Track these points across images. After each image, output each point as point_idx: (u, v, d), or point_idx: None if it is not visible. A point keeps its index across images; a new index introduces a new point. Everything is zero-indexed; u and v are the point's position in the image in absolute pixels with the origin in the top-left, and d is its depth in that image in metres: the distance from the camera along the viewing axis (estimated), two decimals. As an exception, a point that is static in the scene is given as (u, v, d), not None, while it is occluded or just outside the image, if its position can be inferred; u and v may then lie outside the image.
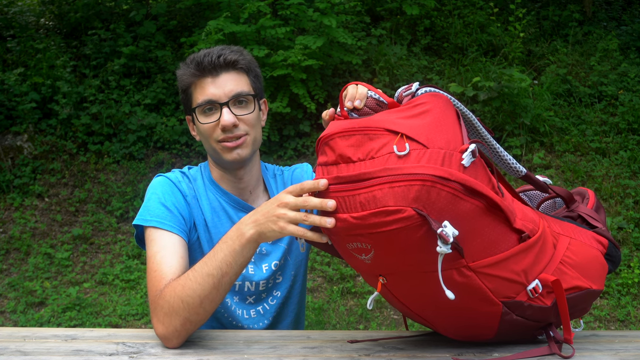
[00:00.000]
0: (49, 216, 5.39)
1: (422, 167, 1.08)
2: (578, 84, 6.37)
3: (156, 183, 1.63)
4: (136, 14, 6.72)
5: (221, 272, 1.33)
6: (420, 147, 1.10)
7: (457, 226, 1.09)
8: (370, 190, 1.10)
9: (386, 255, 1.14)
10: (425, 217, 1.06)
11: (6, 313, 4.44)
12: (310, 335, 1.46)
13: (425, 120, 1.13)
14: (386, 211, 1.08)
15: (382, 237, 1.11)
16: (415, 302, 1.25)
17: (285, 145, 5.78)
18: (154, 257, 1.48)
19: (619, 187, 5.32)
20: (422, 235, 1.08)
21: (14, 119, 5.92)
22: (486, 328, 1.26)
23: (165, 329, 1.35)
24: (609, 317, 4.22)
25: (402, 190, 1.07)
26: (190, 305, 1.34)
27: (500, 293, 1.19)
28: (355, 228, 1.13)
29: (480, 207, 1.12)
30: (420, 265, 1.13)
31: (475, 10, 7.08)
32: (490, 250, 1.16)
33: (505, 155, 1.31)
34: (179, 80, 1.64)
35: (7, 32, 6.98)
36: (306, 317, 4.20)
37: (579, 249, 1.31)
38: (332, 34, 5.66)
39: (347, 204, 1.14)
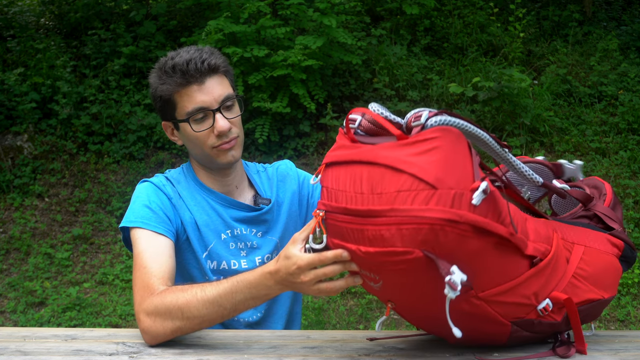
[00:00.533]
0: (49, 216, 5.39)
1: (430, 211, 1.05)
2: (578, 84, 6.37)
3: (140, 188, 1.64)
4: (136, 14, 6.72)
5: (234, 309, 1.34)
6: (429, 187, 1.06)
7: (466, 264, 1.07)
8: (378, 229, 1.09)
9: (394, 288, 1.16)
10: (433, 260, 1.05)
11: (6, 313, 4.44)
12: (310, 335, 1.46)
13: (435, 158, 1.08)
14: (394, 252, 1.07)
15: (390, 274, 1.12)
16: (424, 324, 1.30)
17: (285, 145, 5.78)
18: (141, 255, 1.49)
19: (619, 187, 5.32)
20: (431, 275, 1.07)
21: (14, 119, 5.92)
22: (496, 341, 1.28)
23: (155, 329, 1.35)
24: (609, 317, 4.22)
25: (410, 232, 1.06)
26: (189, 320, 1.34)
27: (510, 315, 1.20)
28: (364, 261, 1.14)
29: (490, 243, 1.11)
30: (429, 298, 1.14)
31: (475, 10, 7.08)
32: (500, 279, 1.16)
33: (521, 167, 1.31)
34: (157, 89, 1.59)
35: (7, 32, 6.98)
36: (306, 317, 4.20)
37: (593, 259, 1.31)
38: (332, 34, 5.66)
39: (355, 236, 1.13)
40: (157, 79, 1.60)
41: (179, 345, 1.37)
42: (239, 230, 1.67)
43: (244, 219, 1.68)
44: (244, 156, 5.44)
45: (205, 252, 1.63)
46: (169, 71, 1.57)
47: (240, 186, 1.72)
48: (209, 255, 1.63)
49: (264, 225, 1.71)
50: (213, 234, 1.64)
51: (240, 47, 5.49)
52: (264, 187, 1.76)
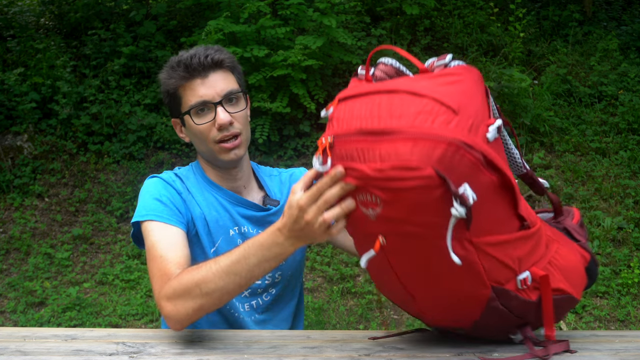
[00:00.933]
0: (49, 216, 5.39)
1: (450, 131, 1.07)
2: (578, 84, 6.37)
3: (149, 183, 1.65)
4: (136, 14, 6.72)
5: (250, 275, 1.32)
6: (450, 111, 1.08)
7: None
8: (394, 145, 1.08)
9: (394, 212, 1.11)
10: (444, 179, 1.05)
11: (6, 313, 4.44)
12: (310, 335, 1.46)
13: (457, 88, 1.11)
14: (407, 167, 1.07)
15: (396, 192, 1.09)
16: (408, 270, 1.20)
17: (285, 145, 5.78)
18: (156, 245, 1.49)
19: (619, 187, 5.32)
20: (437, 197, 1.07)
21: (14, 119, 5.92)
22: (469, 313, 1.24)
23: (177, 312, 1.35)
24: (609, 317, 4.22)
25: (426, 149, 1.06)
26: (208, 295, 1.33)
27: (493, 275, 1.18)
28: (372, 180, 1.11)
29: (494, 182, 1.13)
30: (427, 227, 1.11)
31: (475, 10, 7.08)
32: (494, 229, 1.17)
33: (512, 148, 1.31)
34: (164, 84, 1.64)
35: (7, 32, 6.98)
36: (306, 317, 4.20)
37: (566, 255, 1.32)
38: (332, 34, 5.66)
39: (365, 155, 1.11)
40: (165, 74, 1.64)
41: (179, 345, 1.37)
42: (245, 228, 1.67)
43: (251, 217, 1.69)
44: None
45: (213, 248, 1.64)
46: (175, 66, 1.61)
47: (248, 186, 1.73)
48: (217, 251, 1.64)
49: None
50: (221, 230, 1.65)
51: (240, 47, 5.49)
52: (274, 189, 1.77)
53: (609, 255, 4.74)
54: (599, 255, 4.74)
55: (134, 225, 1.60)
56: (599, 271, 1.45)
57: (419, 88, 1.11)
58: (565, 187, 5.38)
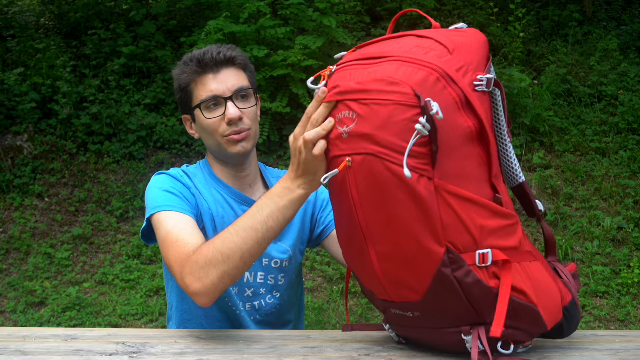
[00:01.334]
0: (49, 216, 5.39)
1: (438, 62, 1.12)
2: (578, 84, 6.37)
3: (157, 179, 1.65)
4: (136, 14, 6.72)
5: (266, 227, 1.31)
6: (445, 50, 1.14)
7: (443, 135, 1.10)
8: (383, 65, 1.15)
9: (366, 127, 1.13)
10: (419, 99, 1.08)
11: (6, 313, 4.44)
12: (310, 335, 1.46)
13: (460, 38, 1.19)
14: (388, 80, 1.12)
15: (372, 107, 1.13)
16: (368, 204, 1.18)
17: (285, 145, 5.79)
18: (171, 233, 1.47)
19: (619, 187, 5.32)
20: (408, 118, 1.10)
21: (14, 119, 5.92)
22: (421, 276, 1.17)
23: (202, 284, 1.32)
24: (609, 317, 4.22)
25: (410, 70, 1.12)
26: (230, 258, 1.32)
27: (450, 234, 1.13)
28: (353, 93, 1.16)
29: (471, 130, 1.14)
30: (392, 149, 1.11)
31: (475, 10, 7.09)
32: (461, 182, 1.14)
33: (511, 152, 1.28)
34: (177, 80, 1.66)
35: (7, 32, 6.98)
36: (306, 317, 4.20)
37: (542, 273, 1.24)
38: (332, 34, 5.66)
39: (355, 75, 1.17)
40: (178, 70, 1.66)
41: (179, 345, 1.37)
42: None
43: None
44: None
45: None
46: (188, 62, 1.63)
47: (254, 186, 1.74)
48: None
49: None
50: (226, 227, 1.65)
51: (240, 47, 5.48)
52: None
53: (609, 255, 4.74)
54: (598, 255, 4.74)
55: (147, 221, 1.59)
56: (579, 319, 1.33)
57: (425, 33, 1.19)
58: (565, 187, 5.39)
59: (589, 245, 4.81)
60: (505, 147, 1.27)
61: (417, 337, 1.31)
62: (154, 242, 1.62)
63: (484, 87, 1.15)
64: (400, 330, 1.34)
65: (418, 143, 1.10)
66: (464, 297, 1.16)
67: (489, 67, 1.19)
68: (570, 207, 5.23)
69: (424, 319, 1.23)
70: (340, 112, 1.19)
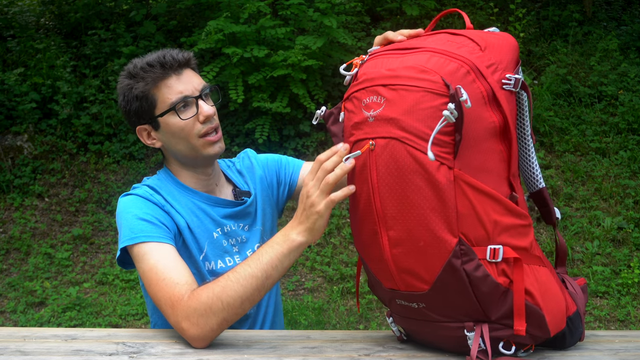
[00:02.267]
0: (49, 216, 5.39)
1: (469, 56, 1.15)
2: (578, 84, 6.37)
3: (126, 202, 1.58)
4: (136, 14, 6.72)
5: (265, 275, 1.34)
6: (477, 47, 1.18)
7: (467, 127, 1.12)
8: (416, 55, 1.18)
9: (393, 111, 1.16)
10: (448, 87, 1.11)
11: (6, 313, 4.44)
12: (310, 335, 1.46)
13: (492, 39, 1.22)
14: (419, 68, 1.14)
15: (401, 92, 1.15)
16: (386, 188, 1.18)
17: (285, 145, 5.79)
18: (155, 268, 1.43)
19: (619, 187, 5.32)
20: (435, 106, 1.12)
21: (14, 119, 5.92)
22: (431, 265, 1.17)
23: (201, 330, 1.33)
24: (609, 317, 4.22)
25: (442, 61, 1.15)
26: (230, 306, 1.33)
27: (464, 225, 1.14)
28: (383, 78, 1.18)
29: (495, 126, 1.16)
30: (416, 135, 1.13)
31: (475, 10, 7.08)
32: (480, 175, 1.15)
33: (533, 157, 1.30)
34: (132, 90, 1.58)
35: (7, 32, 6.98)
36: (306, 317, 4.20)
37: (549, 279, 1.24)
38: (332, 34, 5.66)
39: (386, 63, 1.21)
40: (130, 80, 1.59)
41: (179, 345, 1.37)
42: (228, 227, 1.67)
43: (230, 214, 1.69)
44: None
45: (201, 255, 1.63)
46: (145, 67, 1.57)
47: (219, 183, 1.73)
48: (206, 257, 1.63)
49: (249, 218, 1.73)
50: (205, 234, 1.64)
51: (240, 47, 5.49)
52: (238, 180, 1.78)
53: (609, 255, 4.74)
54: (598, 255, 4.74)
55: (121, 250, 1.53)
56: (581, 332, 1.33)
57: (458, 31, 1.23)
58: (565, 187, 5.39)
59: (589, 245, 4.81)
60: (527, 151, 1.29)
61: (419, 330, 1.30)
62: (132, 268, 1.58)
63: (512, 87, 1.18)
64: (403, 323, 1.33)
65: (442, 132, 1.12)
66: (471, 290, 1.16)
67: (517, 69, 1.22)
68: (570, 207, 5.23)
69: (429, 311, 1.22)
70: (368, 97, 1.20)
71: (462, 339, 1.21)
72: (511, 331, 1.18)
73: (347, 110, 1.27)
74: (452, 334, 1.22)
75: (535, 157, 1.30)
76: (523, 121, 1.27)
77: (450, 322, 1.21)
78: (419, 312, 1.24)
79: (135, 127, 1.65)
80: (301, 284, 4.71)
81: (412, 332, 1.34)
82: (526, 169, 1.31)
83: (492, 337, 1.19)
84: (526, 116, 1.26)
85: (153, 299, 1.44)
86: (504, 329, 1.19)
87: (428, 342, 1.32)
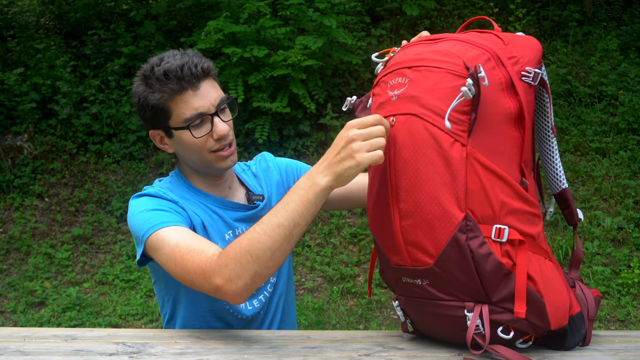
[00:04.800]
0: (49, 216, 5.39)
1: (492, 46, 1.22)
2: (578, 84, 6.37)
3: (138, 203, 1.57)
4: (136, 14, 6.72)
5: (293, 223, 1.30)
6: (501, 41, 1.25)
7: (484, 109, 1.18)
8: (441, 42, 1.25)
9: (415, 90, 1.22)
10: (468, 69, 1.17)
11: (6, 313, 4.44)
12: (310, 335, 1.46)
13: (515, 37, 1.28)
14: (444, 52, 1.22)
15: (424, 73, 1.22)
16: (401, 161, 1.22)
17: (285, 145, 5.79)
18: (177, 246, 1.42)
19: (619, 187, 5.32)
20: (456, 86, 1.18)
21: (14, 119, 5.92)
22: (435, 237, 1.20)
23: (235, 286, 1.31)
24: (609, 317, 4.22)
25: (466, 47, 1.22)
26: (260, 259, 1.30)
27: (471, 202, 1.17)
28: (409, 61, 1.26)
29: (510, 112, 1.20)
30: (434, 112, 1.19)
31: (475, 10, 7.09)
32: (492, 157, 1.19)
33: (557, 157, 1.32)
34: (147, 98, 1.55)
35: (7, 32, 6.98)
36: (306, 317, 4.20)
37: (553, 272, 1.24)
38: (332, 34, 5.66)
39: (415, 50, 1.28)
40: (146, 87, 1.56)
41: (179, 345, 1.37)
42: (239, 230, 1.67)
43: (242, 218, 1.69)
44: (245, 157, 5.45)
45: None
46: (162, 78, 1.52)
47: (232, 186, 1.72)
48: None
49: None
50: (217, 235, 1.64)
51: (240, 47, 5.49)
52: (253, 183, 1.77)
53: (609, 255, 4.74)
54: (598, 255, 4.74)
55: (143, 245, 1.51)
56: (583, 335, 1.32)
57: (486, 30, 1.30)
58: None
59: (589, 245, 4.81)
60: (551, 152, 1.32)
61: (421, 311, 1.31)
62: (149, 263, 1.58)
63: (530, 80, 1.22)
64: (407, 305, 1.34)
65: (459, 110, 1.17)
66: (473, 267, 1.18)
67: (539, 67, 1.26)
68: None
69: (431, 288, 1.24)
70: (394, 79, 1.27)
71: (462, 321, 1.22)
72: (511, 316, 1.20)
73: (374, 95, 1.33)
74: (452, 314, 1.23)
75: (559, 157, 1.32)
76: (545, 121, 1.30)
77: (452, 301, 1.23)
78: (423, 290, 1.26)
79: (149, 129, 1.64)
80: (301, 284, 4.71)
81: (415, 314, 1.35)
82: (550, 169, 1.33)
83: (491, 320, 1.20)
84: (548, 116, 1.30)
85: (182, 278, 1.41)
86: (504, 313, 1.20)
87: (429, 328, 1.34)
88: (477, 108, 1.16)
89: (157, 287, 1.71)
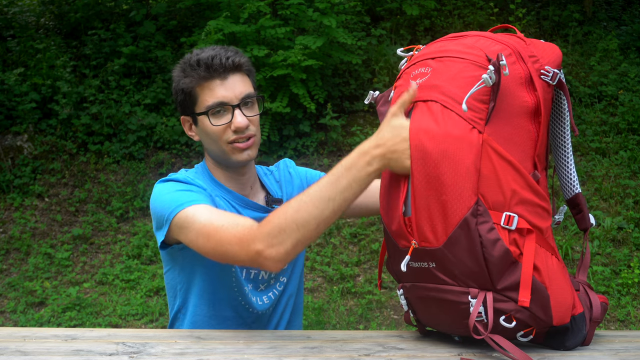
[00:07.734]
0: (49, 216, 5.39)
1: (515, 44, 1.27)
2: (578, 84, 6.37)
3: (164, 186, 1.59)
4: (136, 14, 6.72)
5: (343, 197, 1.31)
6: (522, 41, 1.29)
7: (502, 100, 1.21)
8: (465, 38, 1.31)
9: (437, 79, 1.26)
10: (490, 60, 1.21)
11: (6, 313, 4.44)
12: (310, 335, 1.46)
13: (537, 41, 1.33)
14: (468, 45, 1.27)
15: (447, 63, 1.27)
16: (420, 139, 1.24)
17: (285, 145, 5.79)
18: (209, 221, 1.43)
19: (619, 187, 5.32)
20: (476, 75, 1.22)
21: (14, 119, 5.92)
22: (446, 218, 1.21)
23: (276, 251, 1.32)
24: (609, 317, 4.22)
25: (489, 42, 1.27)
26: (304, 228, 1.31)
27: (484, 187, 1.19)
28: (433, 53, 1.31)
29: (527, 105, 1.23)
30: (453, 99, 1.22)
31: (475, 10, 7.09)
32: (507, 146, 1.21)
33: (571, 162, 1.34)
34: (180, 82, 1.63)
35: (7, 32, 6.98)
36: (306, 317, 4.20)
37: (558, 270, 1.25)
38: (332, 34, 5.66)
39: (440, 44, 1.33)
40: (181, 72, 1.62)
41: (179, 345, 1.37)
42: None
43: (260, 219, 1.69)
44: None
45: None
46: (194, 65, 1.59)
47: (254, 187, 1.74)
48: None
49: None
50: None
51: (240, 47, 5.50)
52: (274, 187, 1.78)
53: (609, 255, 4.74)
54: (598, 255, 4.74)
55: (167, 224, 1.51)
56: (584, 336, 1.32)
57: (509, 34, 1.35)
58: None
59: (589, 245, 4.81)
60: (566, 157, 1.35)
61: (425, 297, 1.30)
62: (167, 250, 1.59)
63: (549, 79, 1.27)
64: (411, 291, 1.34)
65: (478, 98, 1.20)
66: (480, 252, 1.19)
67: (558, 69, 1.31)
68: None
69: (437, 272, 1.25)
70: (417, 69, 1.32)
71: (465, 308, 1.23)
72: (515, 305, 1.20)
73: (396, 87, 1.37)
74: (456, 299, 1.24)
75: (573, 163, 1.34)
76: (562, 126, 1.33)
77: (456, 287, 1.24)
78: (428, 274, 1.26)
79: (181, 115, 1.70)
80: (301, 284, 4.71)
81: (418, 302, 1.34)
82: (564, 174, 1.36)
83: (495, 308, 1.20)
84: (565, 121, 1.33)
85: (215, 251, 1.42)
86: (508, 302, 1.21)
87: (431, 316, 1.34)
88: (496, 97, 1.20)
89: (170, 275, 1.71)
